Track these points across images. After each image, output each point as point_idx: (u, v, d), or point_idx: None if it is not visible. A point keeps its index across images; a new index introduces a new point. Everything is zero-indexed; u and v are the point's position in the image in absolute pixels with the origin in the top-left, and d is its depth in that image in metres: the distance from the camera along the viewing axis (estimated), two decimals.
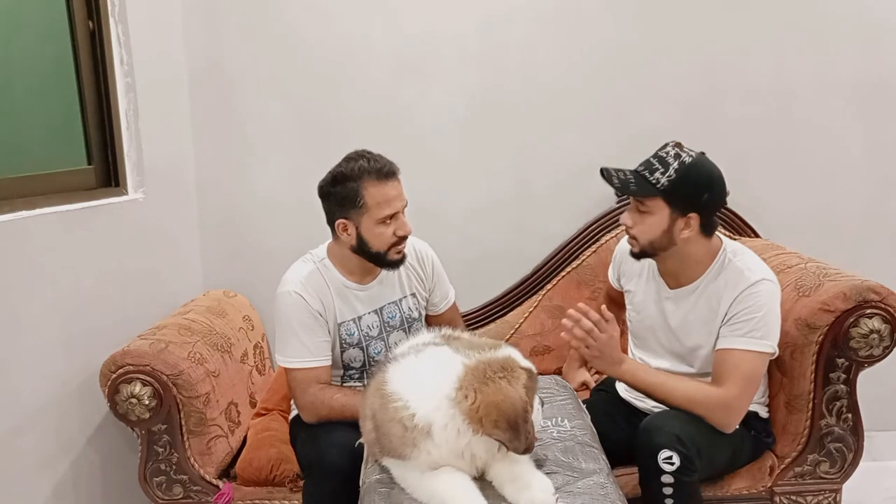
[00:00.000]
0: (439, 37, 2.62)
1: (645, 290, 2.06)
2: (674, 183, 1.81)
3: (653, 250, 1.91)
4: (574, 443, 1.64)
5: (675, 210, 1.84)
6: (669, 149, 1.86)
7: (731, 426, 1.85)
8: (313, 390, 1.94)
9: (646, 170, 1.85)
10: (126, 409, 1.97)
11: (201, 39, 2.59)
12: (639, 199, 1.87)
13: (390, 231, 1.95)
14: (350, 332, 2.04)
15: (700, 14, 2.61)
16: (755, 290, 1.83)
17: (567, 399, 1.91)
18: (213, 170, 2.67)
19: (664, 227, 1.85)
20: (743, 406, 1.86)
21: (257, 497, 2.10)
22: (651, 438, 1.77)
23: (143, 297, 2.39)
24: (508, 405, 1.37)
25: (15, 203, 2.06)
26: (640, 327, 2.09)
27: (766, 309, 1.83)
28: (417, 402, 1.41)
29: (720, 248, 1.93)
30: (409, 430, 1.40)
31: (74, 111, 2.30)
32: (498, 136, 2.68)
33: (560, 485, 1.47)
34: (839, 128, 2.67)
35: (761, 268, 1.88)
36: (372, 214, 1.93)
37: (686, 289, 1.95)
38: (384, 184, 1.92)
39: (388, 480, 1.51)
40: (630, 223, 1.91)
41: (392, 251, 1.98)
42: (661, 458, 1.74)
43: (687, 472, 1.75)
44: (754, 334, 1.82)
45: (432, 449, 1.40)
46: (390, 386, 1.46)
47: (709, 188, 1.85)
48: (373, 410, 1.49)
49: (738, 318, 1.83)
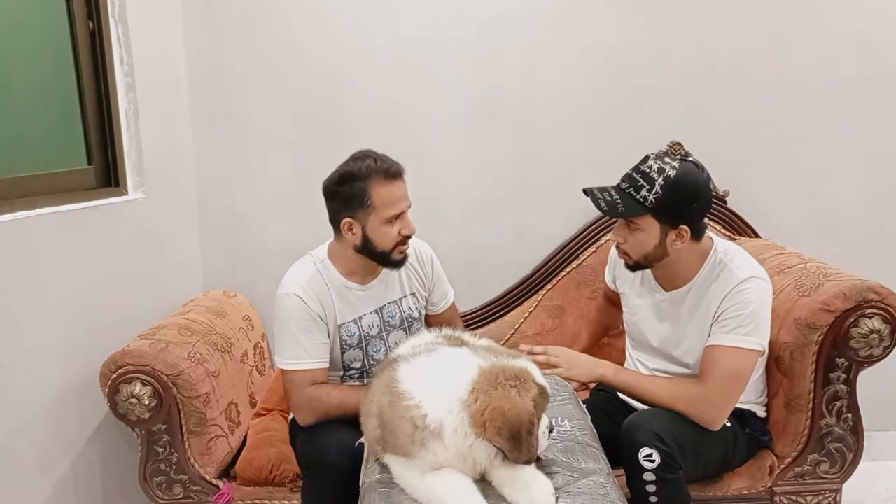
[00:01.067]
0: (439, 37, 2.62)
1: (639, 292, 2.06)
2: (661, 200, 1.79)
3: (647, 263, 1.91)
4: (574, 443, 1.64)
5: (665, 224, 1.84)
6: (651, 162, 1.83)
7: (714, 423, 1.84)
8: (309, 390, 1.95)
9: (630, 187, 1.83)
10: (126, 409, 1.97)
11: (201, 39, 2.59)
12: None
13: (396, 230, 1.96)
14: (350, 332, 2.04)
15: (700, 14, 2.61)
16: (743, 288, 1.83)
17: (567, 399, 1.91)
18: (213, 170, 2.67)
19: (656, 242, 1.86)
20: (726, 404, 1.85)
21: (257, 497, 2.10)
22: (631, 436, 1.78)
23: (143, 297, 2.39)
24: (514, 414, 1.37)
25: (15, 203, 2.06)
26: (635, 329, 2.10)
27: (753, 306, 1.82)
28: (430, 403, 1.40)
29: (711, 249, 1.93)
30: (420, 429, 1.40)
31: (74, 111, 2.30)
32: (498, 136, 2.68)
33: (560, 485, 1.47)
34: (839, 128, 2.67)
35: (751, 266, 1.88)
36: (379, 214, 1.93)
37: (680, 291, 1.95)
38: (391, 184, 1.93)
39: (388, 480, 1.51)
40: (621, 239, 1.90)
41: (396, 250, 1.98)
42: (641, 455, 1.75)
43: (669, 469, 1.75)
44: (740, 331, 1.81)
45: (439, 450, 1.40)
46: (402, 384, 1.45)
47: (696, 198, 1.84)
48: (380, 407, 1.49)
49: (727, 316, 1.83)
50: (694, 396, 1.84)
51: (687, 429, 1.82)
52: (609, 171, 2.60)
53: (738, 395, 1.88)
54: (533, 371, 1.47)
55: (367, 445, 1.68)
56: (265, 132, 2.66)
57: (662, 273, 1.97)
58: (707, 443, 1.87)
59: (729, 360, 1.82)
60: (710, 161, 2.63)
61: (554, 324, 2.64)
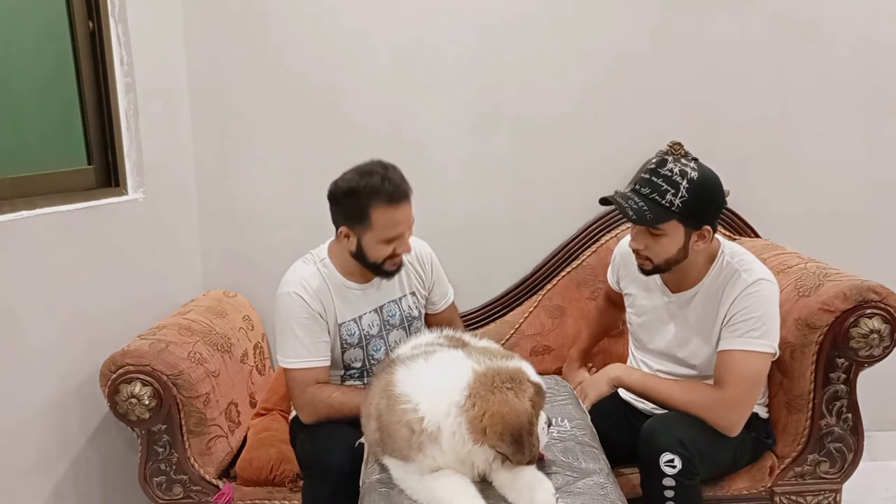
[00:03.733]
0: (439, 38, 2.61)
1: (646, 294, 2.05)
2: (688, 203, 1.77)
3: (667, 266, 1.89)
4: (574, 443, 1.64)
5: (689, 227, 1.82)
6: (671, 165, 1.79)
7: (734, 428, 1.83)
8: (311, 389, 1.94)
9: (654, 193, 1.79)
10: (126, 409, 1.97)
11: (201, 39, 2.59)
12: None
13: (391, 249, 1.95)
14: (351, 332, 2.04)
15: (700, 15, 2.61)
16: (753, 291, 1.82)
17: (567, 399, 1.91)
18: (213, 170, 2.67)
19: (679, 245, 1.84)
20: (745, 407, 1.85)
21: (257, 497, 2.10)
22: (653, 441, 1.77)
23: (143, 297, 2.39)
24: (513, 417, 1.37)
25: (15, 203, 2.06)
26: (640, 330, 2.09)
27: (763, 308, 1.82)
28: (427, 407, 1.40)
29: (719, 251, 1.92)
30: (417, 433, 1.40)
31: (74, 111, 2.30)
32: (498, 137, 2.68)
33: (560, 485, 1.47)
34: (839, 128, 2.67)
35: (759, 268, 1.87)
36: (377, 234, 1.92)
37: (687, 293, 1.95)
38: (394, 208, 1.89)
39: (388, 480, 1.51)
40: (642, 246, 1.86)
41: (388, 263, 1.98)
42: (662, 461, 1.73)
43: (689, 476, 1.74)
44: (752, 334, 1.81)
45: (437, 454, 1.40)
46: (399, 388, 1.45)
47: (716, 198, 1.84)
48: (378, 410, 1.49)
49: (737, 319, 1.83)
50: (712, 402, 1.82)
51: (705, 434, 1.81)
52: (609, 171, 2.62)
53: (755, 399, 1.88)
54: (527, 370, 1.47)
55: (366, 446, 1.68)
56: (265, 132, 2.66)
57: (672, 275, 1.95)
58: (720, 447, 1.86)
59: (743, 364, 1.81)
60: (711, 161, 2.64)
61: (554, 324, 2.64)
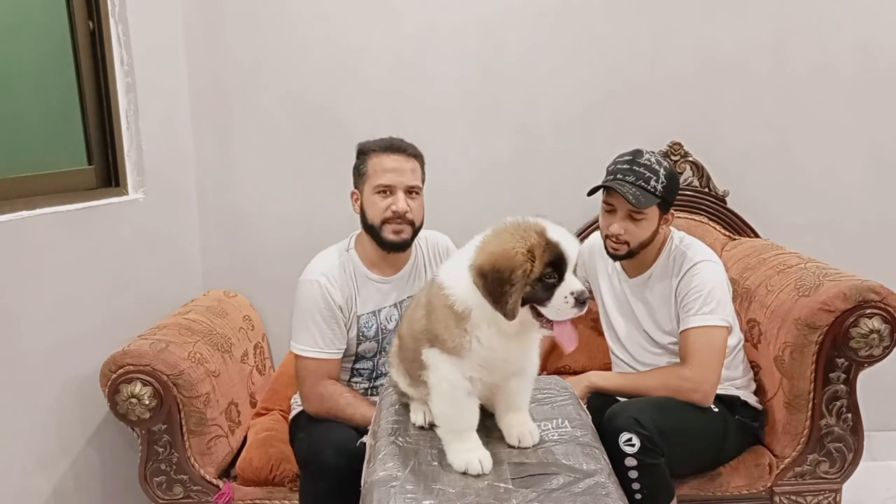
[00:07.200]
0: (439, 36, 2.62)
1: (608, 281, 2.19)
2: (665, 188, 1.98)
3: (639, 249, 2.04)
4: (575, 444, 1.64)
5: (662, 210, 2.01)
6: (647, 155, 2.00)
7: (706, 398, 1.94)
8: (323, 382, 1.97)
9: (639, 180, 1.97)
10: (126, 409, 1.98)
11: (201, 39, 2.59)
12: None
13: (385, 204, 1.97)
14: (368, 324, 2.05)
15: (700, 14, 2.62)
16: (697, 270, 1.99)
17: (567, 400, 1.91)
18: (213, 170, 2.66)
19: (654, 228, 2.02)
20: (710, 377, 1.94)
21: (257, 497, 2.10)
22: (612, 423, 1.83)
23: (143, 297, 2.39)
24: (496, 257, 1.34)
25: (15, 203, 2.06)
26: (608, 318, 2.18)
27: (710, 286, 1.97)
28: (454, 286, 1.40)
29: (668, 236, 2.08)
30: (456, 316, 1.39)
31: (74, 111, 2.30)
32: (497, 135, 2.68)
33: (561, 485, 1.47)
34: (839, 128, 2.67)
35: (703, 250, 2.05)
36: (370, 182, 1.99)
37: (643, 276, 2.09)
38: (386, 155, 1.99)
39: (391, 478, 1.51)
40: (622, 231, 2.01)
41: (386, 227, 1.98)
42: (622, 441, 1.79)
43: (650, 454, 1.79)
44: (704, 310, 1.96)
45: (481, 336, 1.38)
46: (440, 276, 1.47)
47: (678, 184, 2.09)
48: (428, 297, 1.49)
49: (688, 299, 1.98)
50: (680, 378, 1.95)
51: (670, 414, 1.86)
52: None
53: (719, 369, 1.97)
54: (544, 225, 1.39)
55: (396, 365, 1.63)
56: (265, 132, 2.66)
57: (630, 261, 2.10)
58: (692, 428, 1.91)
59: (701, 339, 1.95)
60: (710, 161, 2.66)
61: None
